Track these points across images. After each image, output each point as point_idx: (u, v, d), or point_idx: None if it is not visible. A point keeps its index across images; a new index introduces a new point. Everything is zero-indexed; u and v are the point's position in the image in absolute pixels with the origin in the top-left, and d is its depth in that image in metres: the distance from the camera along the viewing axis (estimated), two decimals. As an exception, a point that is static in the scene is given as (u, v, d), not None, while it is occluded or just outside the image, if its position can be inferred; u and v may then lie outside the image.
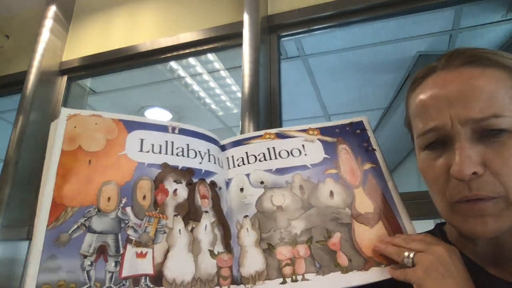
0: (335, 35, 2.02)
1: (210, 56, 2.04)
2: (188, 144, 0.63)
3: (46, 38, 1.76)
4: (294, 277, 0.54)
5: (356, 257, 0.55)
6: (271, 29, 1.50)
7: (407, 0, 1.33)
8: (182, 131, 0.64)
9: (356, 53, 2.17)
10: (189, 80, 2.37)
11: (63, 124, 0.56)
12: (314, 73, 2.40)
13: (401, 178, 3.81)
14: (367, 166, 0.64)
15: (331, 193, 0.61)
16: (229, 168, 0.65)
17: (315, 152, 0.66)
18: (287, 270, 0.55)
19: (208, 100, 2.67)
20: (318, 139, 0.67)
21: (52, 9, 1.83)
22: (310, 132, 0.68)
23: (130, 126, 0.60)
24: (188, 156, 0.62)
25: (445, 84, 0.50)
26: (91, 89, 2.20)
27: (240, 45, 1.41)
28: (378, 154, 0.64)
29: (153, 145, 0.60)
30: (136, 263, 0.50)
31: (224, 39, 1.57)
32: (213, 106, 2.76)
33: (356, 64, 2.29)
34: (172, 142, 0.62)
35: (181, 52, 1.65)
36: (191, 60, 2.11)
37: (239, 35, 1.42)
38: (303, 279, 0.54)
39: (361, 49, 2.13)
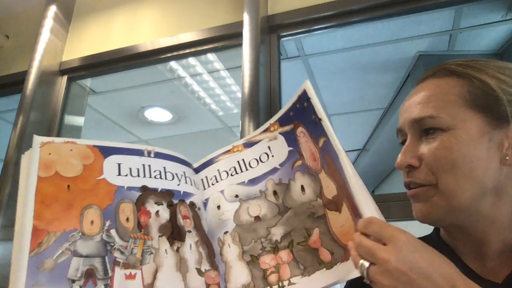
0: (335, 35, 2.02)
1: (210, 56, 2.04)
2: (164, 167, 0.64)
3: (46, 38, 1.76)
4: (280, 283, 0.54)
5: (336, 249, 0.53)
6: (271, 29, 1.50)
7: (407, 0, 1.33)
8: (158, 155, 0.65)
9: (356, 53, 2.17)
10: (189, 80, 2.37)
11: (37, 152, 0.56)
12: (314, 73, 2.40)
13: (401, 178, 3.80)
14: (321, 142, 0.59)
15: (302, 188, 0.60)
16: (204, 189, 0.66)
17: (280, 149, 0.65)
18: (273, 278, 0.55)
19: (208, 100, 2.66)
20: (280, 133, 0.66)
21: (52, 9, 1.83)
22: (272, 128, 0.68)
23: (106, 151, 0.61)
24: (166, 179, 0.63)
25: (412, 93, 0.61)
26: (91, 89, 2.20)
27: (240, 45, 1.41)
28: (324, 124, 0.58)
29: (130, 169, 0.61)
30: (126, 285, 0.50)
31: (224, 39, 1.57)
32: (213, 106, 2.76)
33: (356, 64, 2.29)
34: (149, 166, 0.63)
35: (181, 52, 1.64)
36: (191, 60, 2.10)
37: (239, 35, 1.42)
38: (290, 283, 0.54)
39: (361, 49, 2.13)
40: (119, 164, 0.60)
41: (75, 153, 0.58)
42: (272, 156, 0.65)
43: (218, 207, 0.63)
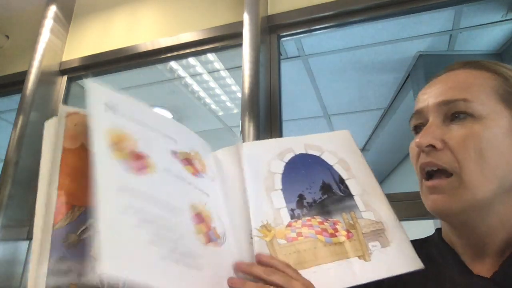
0: (335, 35, 2.02)
1: (210, 56, 2.04)
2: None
3: (46, 38, 1.76)
4: None
5: None
6: (271, 29, 1.50)
7: (407, 0, 1.33)
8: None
9: (356, 53, 2.17)
10: (189, 80, 2.37)
11: (63, 122, 0.53)
12: (314, 73, 2.40)
13: (401, 178, 3.81)
14: None
15: None
16: None
17: None
18: None
19: (208, 100, 2.67)
20: None
21: (52, 9, 1.83)
22: None
23: None
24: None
25: (436, 81, 0.58)
26: (91, 89, 2.20)
27: (240, 45, 1.41)
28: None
29: None
30: None
31: (224, 39, 1.57)
32: (213, 106, 2.76)
33: (356, 64, 2.29)
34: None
35: (181, 52, 1.64)
36: (191, 60, 2.11)
37: (239, 35, 1.42)
38: None
39: (361, 49, 2.13)
40: None
41: None
42: None
43: None
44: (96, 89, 0.53)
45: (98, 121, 0.49)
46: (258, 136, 1.24)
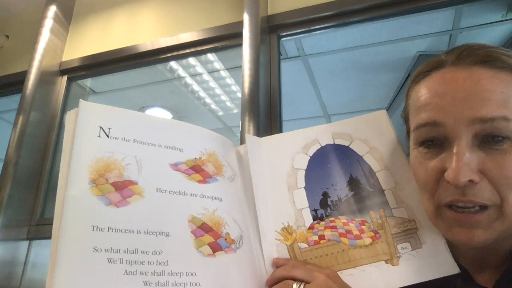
0: (335, 35, 2.02)
1: (210, 56, 2.04)
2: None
3: (46, 38, 1.76)
4: None
5: None
6: (271, 29, 1.50)
7: (407, 0, 1.33)
8: None
9: (356, 53, 2.17)
10: (189, 80, 2.37)
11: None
12: (314, 73, 2.40)
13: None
14: None
15: None
16: None
17: None
18: None
19: (208, 100, 2.66)
20: None
21: (52, 9, 1.83)
22: None
23: None
24: None
25: (453, 82, 0.47)
26: (91, 89, 2.20)
27: (240, 45, 1.41)
28: None
29: None
30: None
31: (224, 39, 1.57)
32: (213, 106, 2.75)
33: (356, 64, 2.29)
34: None
35: (181, 52, 1.64)
36: (191, 60, 2.10)
37: (239, 35, 1.42)
38: None
39: (361, 49, 2.13)
40: None
41: None
42: None
43: None
44: (90, 111, 0.53)
45: (88, 151, 0.50)
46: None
